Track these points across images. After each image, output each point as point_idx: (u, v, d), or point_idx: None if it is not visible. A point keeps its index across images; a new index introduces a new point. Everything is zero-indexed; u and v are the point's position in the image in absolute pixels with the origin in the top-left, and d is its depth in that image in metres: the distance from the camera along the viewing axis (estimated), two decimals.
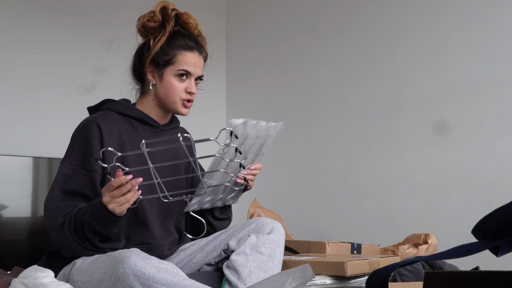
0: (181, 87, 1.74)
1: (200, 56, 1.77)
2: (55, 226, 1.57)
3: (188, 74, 1.74)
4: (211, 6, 3.72)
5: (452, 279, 0.96)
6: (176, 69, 1.72)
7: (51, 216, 1.59)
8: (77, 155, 1.64)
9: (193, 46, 1.75)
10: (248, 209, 2.62)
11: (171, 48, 1.73)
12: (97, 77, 3.12)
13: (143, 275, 1.39)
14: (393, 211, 2.92)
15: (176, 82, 1.73)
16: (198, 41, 1.78)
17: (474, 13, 2.73)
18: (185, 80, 1.74)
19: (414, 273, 2.01)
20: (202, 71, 1.79)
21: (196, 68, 1.75)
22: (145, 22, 1.75)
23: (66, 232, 1.55)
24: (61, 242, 1.58)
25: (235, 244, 1.67)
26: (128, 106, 1.76)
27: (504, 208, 0.95)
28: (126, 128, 1.72)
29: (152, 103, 1.77)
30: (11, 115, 2.83)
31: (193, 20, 1.79)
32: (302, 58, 3.38)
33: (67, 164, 1.65)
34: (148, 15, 1.75)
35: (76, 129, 1.71)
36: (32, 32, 2.94)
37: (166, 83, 1.73)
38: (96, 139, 1.64)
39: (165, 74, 1.73)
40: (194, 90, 1.75)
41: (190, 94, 1.75)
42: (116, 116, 1.73)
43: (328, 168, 3.20)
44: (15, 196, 2.64)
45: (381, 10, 3.07)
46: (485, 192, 2.61)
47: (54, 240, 1.60)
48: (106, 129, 1.67)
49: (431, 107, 2.83)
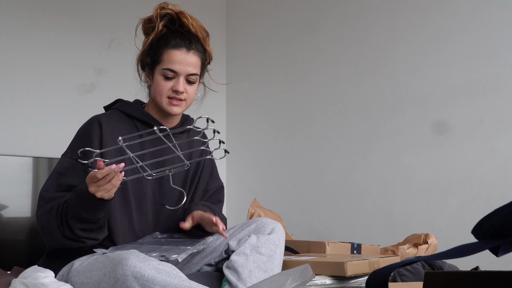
0: (167, 86, 1.71)
1: (188, 53, 1.72)
2: (44, 213, 1.59)
3: (174, 72, 1.71)
4: (211, 6, 3.72)
5: (452, 279, 0.96)
6: (162, 68, 1.72)
7: (42, 204, 1.62)
8: (77, 149, 1.65)
9: (179, 44, 1.71)
10: (248, 209, 2.62)
11: (159, 47, 1.73)
12: (97, 77, 3.12)
13: (143, 276, 1.39)
14: (393, 211, 2.92)
15: (162, 81, 1.72)
16: (188, 39, 1.73)
17: (474, 13, 2.73)
18: (172, 79, 1.72)
19: (414, 273, 2.01)
20: (195, 69, 1.73)
21: (183, 66, 1.70)
22: (144, 25, 1.77)
23: (51, 218, 1.57)
24: (45, 229, 1.60)
25: (235, 244, 1.67)
26: (136, 107, 1.77)
27: (504, 208, 0.95)
28: (130, 129, 1.73)
29: (152, 104, 1.78)
30: (11, 115, 2.83)
31: (187, 19, 1.75)
32: (302, 58, 3.38)
33: (67, 158, 1.68)
34: (147, 17, 1.77)
35: (81, 126, 1.74)
36: (32, 32, 2.94)
37: (155, 82, 1.74)
38: (96, 136, 1.67)
39: (154, 73, 1.74)
40: (180, 88, 1.70)
41: (177, 93, 1.71)
42: (123, 117, 1.75)
43: (328, 168, 3.20)
44: (15, 196, 2.64)
45: (381, 10, 3.07)
46: (485, 192, 2.61)
47: (39, 227, 1.62)
48: (108, 128, 1.68)
49: (431, 107, 2.83)
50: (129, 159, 1.54)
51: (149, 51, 1.74)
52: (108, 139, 1.67)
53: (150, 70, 1.75)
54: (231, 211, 3.58)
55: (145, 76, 1.78)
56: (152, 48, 1.74)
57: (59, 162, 1.68)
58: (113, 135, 1.68)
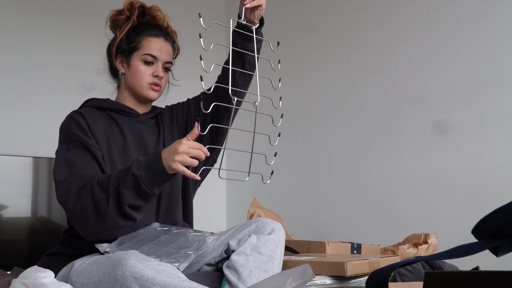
0: (148, 71, 1.78)
1: (166, 43, 1.81)
2: (75, 193, 1.53)
3: (154, 58, 1.77)
4: (211, 6, 3.72)
5: (452, 279, 0.96)
6: (142, 53, 1.77)
7: (66, 186, 1.55)
8: (72, 140, 1.67)
9: (158, 33, 1.80)
10: (248, 209, 2.62)
11: (137, 35, 1.79)
12: (97, 77, 3.12)
13: (142, 277, 1.39)
14: (393, 211, 2.92)
15: (142, 66, 1.77)
16: (164, 30, 1.82)
17: (474, 14, 2.73)
18: (152, 64, 1.78)
19: (414, 273, 2.01)
20: (171, 58, 1.81)
21: (162, 53, 1.78)
22: (114, 16, 1.82)
23: (88, 195, 1.50)
24: (81, 209, 1.52)
25: (235, 244, 1.67)
26: (106, 100, 1.82)
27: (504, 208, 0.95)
28: (107, 120, 1.77)
29: (126, 93, 1.83)
30: (11, 115, 2.84)
31: (160, 13, 1.85)
32: (302, 58, 3.38)
33: (64, 151, 1.65)
34: (116, 10, 1.83)
35: (61, 124, 1.73)
36: (32, 32, 2.94)
37: (133, 68, 1.78)
38: (84, 123, 1.69)
39: (132, 60, 1.79)
40: (161, 73, 1.78)
41: (158, 78, 1.78)
42: (97, 111, 1.78)
43: (328, 168, 3.20)
44: (15, 196, 2.64)
45: (381, 10, 3.07)
46: (485, 192, 2.61)
47: (71, 210, 1.54)
48: (90, 118, 1.72)
49: (431, 107, 2.83)
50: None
51: (126, 39, 1.79)
52: (94, 127, 1.70)
53: (126, 58, 1.80)
54: (231, 211, 3.58)
55: (118, 63, 1.82)
56: (129, 36, 1.79)
57: (58, 158, 1.64)
58: (97, 125, 1.71)
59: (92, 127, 1.69)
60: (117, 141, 1.74)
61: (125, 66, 1.81)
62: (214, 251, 1.74)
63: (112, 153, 1.71)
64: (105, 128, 1.74)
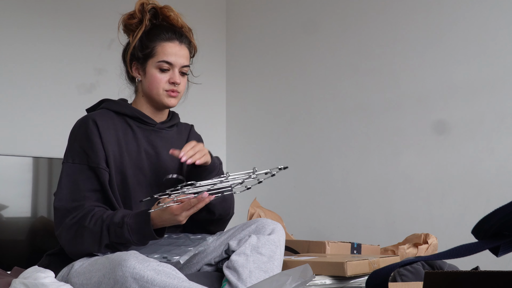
0: (164, 78, 1.73)
1: (181, 46, 1.75)
2: (67, 224, 1.59)
3: (170, 64, 1.73)
4: (211, 6, 3.72)
5: (452, 279, 0.96)
6: (157, 60, 1.73)
7: (64, 215, 1.60)
8: (78, 153, 1.65)
9: (172, 37, 1.74)
10: (248, 209, 2.62)
11: (150, 41, 1.74)
12: (97, 77, 3.12)
13: (142, 278, 1.39)
14: (393, 211, 2.92)
15: (158, 74, 1.73)
16: (178, 32, 1.76)
17: (474, 13, 2.73)
18: (168, 71, 1.74)
19: (414, 273, 2.01)
20: (188, 61, 1.77)
21: (178, 58, 1.73)
22: (126, 20, 1.77)
23: (83, 227, 1.57)
24: (75, 239, 1.59)
25: (235, 245, 1.67)
26: (124, 105, 1.77)
27: (504, 208, 0.95)
28: (122, 126, 1.73)
29: (143, 100, 1.78)
30: (11, 115, 2.83)
31: (173, 13, 1.78)
32: (302, 58, 3.38)
33: (70, 164, 1.65)
34: (128, 13, 1.77)
35: (73, 128, 1.72)
36: (32, 32, 2.94)
37: (149, 76, 1.74)
38: (95, 135, 1.65)
39: (147, 67, 1.74)
40: (177, 80, 1.73)
41: (174, 85, 1.73)
42: (113, 115, 1.74)
43: (328, 168, 3.20)
44: (15, 196, 2.64)
45: (381, 10, 3.07)
46: (485, 192, 2.61)
47: (65, 241, 1.61)
48: (103, 125, 1.68)
49: (431, 107, 2.83)
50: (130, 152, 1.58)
51: (140, 46, 1.74)
52: (106, 136, 1.67)
53: (141, 65, 1.75)
54: None
55: (134, 71, 1.78)
56: (142, 42, 1.74)
57: (63, 171, 1.66)
58: (110, 133, 1.68)
59: (104, 136, 1.66)
60: (130, 150, 1.71)
61: (141, 74, 1.76)
62: (214, 251, 1.73)
63: (123, 163, 1.68)
64: (118, 135, 1.70)
